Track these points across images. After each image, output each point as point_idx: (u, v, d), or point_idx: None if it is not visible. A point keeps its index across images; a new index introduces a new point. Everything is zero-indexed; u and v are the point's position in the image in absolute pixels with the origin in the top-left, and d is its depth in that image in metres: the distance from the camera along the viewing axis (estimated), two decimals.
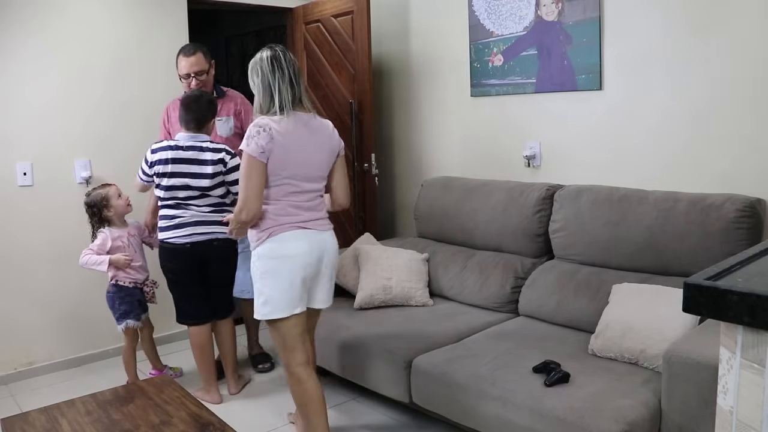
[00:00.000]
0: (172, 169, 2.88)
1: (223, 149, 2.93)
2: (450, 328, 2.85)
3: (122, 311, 3.11)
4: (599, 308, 2.60)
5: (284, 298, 2.32)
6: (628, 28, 2.95)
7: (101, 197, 3.08)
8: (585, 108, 3.16)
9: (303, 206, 2.37)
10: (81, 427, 2.04)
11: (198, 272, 3.00)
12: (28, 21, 3.38)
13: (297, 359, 2.38)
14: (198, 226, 2.93)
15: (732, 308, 1.00)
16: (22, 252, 3.45)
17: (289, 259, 2.31)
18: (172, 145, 2.91)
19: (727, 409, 1.06)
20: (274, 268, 2.31)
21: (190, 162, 2.88)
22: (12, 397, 3.29)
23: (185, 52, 3.20)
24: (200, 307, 3.05)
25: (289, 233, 2.33)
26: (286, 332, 2.37)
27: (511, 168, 3.51)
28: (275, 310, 2.33)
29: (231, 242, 3.00)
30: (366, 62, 3.84)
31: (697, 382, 1.88)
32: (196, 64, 3.17)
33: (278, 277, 2.31)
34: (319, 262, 2.40)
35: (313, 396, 2.39)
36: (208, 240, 2.95)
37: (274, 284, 2.32)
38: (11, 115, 3.38)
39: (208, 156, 2.89)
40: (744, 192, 2.60)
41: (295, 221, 2.34)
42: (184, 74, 3.20)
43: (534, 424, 2.11)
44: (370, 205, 3.96)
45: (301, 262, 2.33)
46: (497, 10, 3.46)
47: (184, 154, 2.89)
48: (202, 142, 2.92)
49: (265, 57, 2.34)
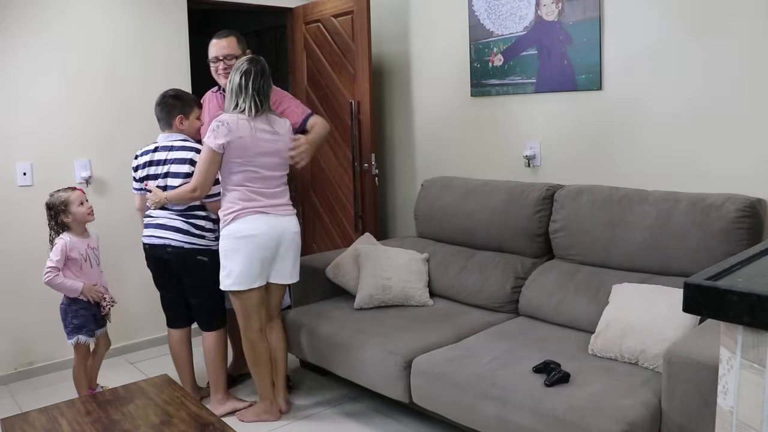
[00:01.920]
0: (149, 172, 2.87)
1: (194, 148, 2.83)
2: (450, 328, 2.85)
3: (74, 325, 2.92)
4: (599, 308, 2.60)
5: (244, 272, 2.69)
6: (628, 28, 2.95)
7: (60, 201, 2.87)
8: (585, 108, 3.16)
9: (264, 192, 2.72)
10: (81, 427, 2.04)
11: (169, 276, 2.96)
12: (28, 21, 3.39)
13: (253, 326, 2.80)
14: (158, 229, 2.87)
15: (732, 308, 1.00)
16: (22, 252, 3.45)
17: (250, 239, 2.67)
18: (150, 149, 2.90)
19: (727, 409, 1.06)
20: (237, 247, 2.67)
21: (163, 163, 2.85)
22: (12, 397, 3.29)
23: (218, 35, 3.04)
24: (172, 310, 3.02)
25: (250, 217, 2.69)
26: (245, 303, 2.76)
27: (511, 168, 3.51)
28: (236, 282, 2.71)
29: (189, 253, 2.85)
30: (366, 62, 3.84)
31: (697, 382, 1.88)
32: (227, 47, 3.00)
33: (240, 254, 2.68)
34: (278, 244, 2.75)
35: (263, 357, 2.83)
36: (162, 245, 2.86)
37: (236, 260, 2.68)
38: (11, 115, 3.38)
39: (178, 155, 2.83)
40: (744, 192, 2.60)
41: (257, 206, 2.70)
42: (213, 57, 3.03)
43: (534, 424, 2.11)
44: (370, 205, 3.96)
45: (259, 242, 2.68)
46: (497, 10, 3.46)
47: (157, 156, 2.87)
48: (173, 141, 2.87)
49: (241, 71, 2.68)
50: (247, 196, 2.69)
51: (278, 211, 2.75)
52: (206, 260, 2.89)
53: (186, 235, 2.84)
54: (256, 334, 2.82)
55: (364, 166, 3.94)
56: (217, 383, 3.00)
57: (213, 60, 3.03)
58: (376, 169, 3.95)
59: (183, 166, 2.82)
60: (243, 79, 2.67)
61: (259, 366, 2.84)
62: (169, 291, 3.01)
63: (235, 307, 2.80)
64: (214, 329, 2.99)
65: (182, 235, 2.84)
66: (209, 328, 2.98)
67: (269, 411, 2.89)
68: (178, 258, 2.86)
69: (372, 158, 3.91)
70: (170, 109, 2.90)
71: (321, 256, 3.51)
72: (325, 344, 2.93)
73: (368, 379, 2.76)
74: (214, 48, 3.02)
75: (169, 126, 2.90)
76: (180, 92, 3.00)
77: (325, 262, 3.42)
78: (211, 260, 2.88)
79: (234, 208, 2.68)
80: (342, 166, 4.11)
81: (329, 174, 4.23)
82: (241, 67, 2.69)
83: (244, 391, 3.25)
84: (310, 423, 2.90)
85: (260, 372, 2.85)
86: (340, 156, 4.12)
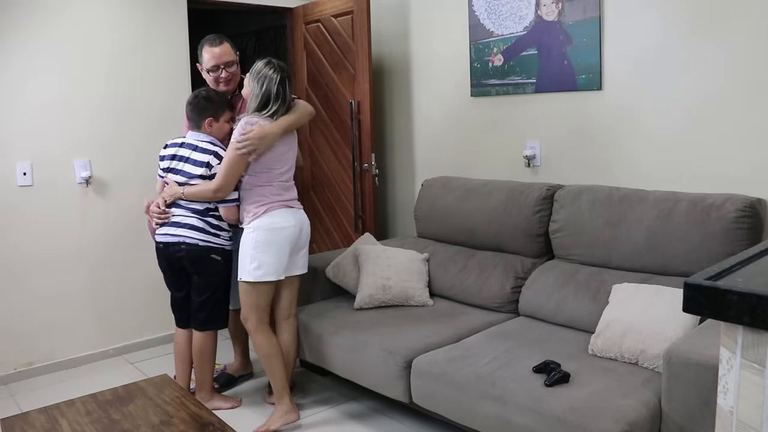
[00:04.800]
0: (172, 165, 2.88)
1: (212, 152, 2.82)
2: (450, 328, 2.85)
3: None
4: (599, 308, 2.60)
5: (275, 263, 2.75)
6: (628, 28, 2.95)
7: None
8: (585, 108, 3.16)
9: (285, 187, 2.82)
10: (81, 427, 2.04)
11: (180, 276, 2.94)
12: (29, 21, 3.38)
13: (265, 320, 2.82)
14: (172, 227, 2.85)
15: (732, 308, 1.00)
16: (22, 252, 3.45)
17: (282, 231, 2.75)
18: (178, 143, 2.90)
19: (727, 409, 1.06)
20: (271, 239, 2.73)
21: (185, 160, 2.86)
22: (12, 397, 3.29)
23: (210, 42, 2.93)
24: (182, 310, 3.01)
25: (280, 210, 2.77)
26: (264, 296, 2.79)
27: (511, 168, 3.51)
28: (267, 273, 2.74)
29: (203, 251, 2.83)
30: (366, 62, 3.84)
31: (697, 382, 1.88)
32: (225, 54, 2.93)
33: (273, 246, 2.74)
34: (300, 236, 2.84)
35: (276, 349, 2.83)
36: (176, 243, 2.83)
37: (270, 252, 2.73)
38: (11, 115, 3.38)
39: (198, 156, 2.83)
40: (744, 192, 2.60)
41: (282, 200, 2.79)
42: (211, 66, 2.92)
43: (534, 424, 2.11)
44: (370, 205, 3.96)
45: (289, 234, 2.77)
46: (497, 10, 3.46)
47: (182, 152, 2.87)
48: (199, 141, 2.87)
49: (273, 76, 2.71)
50: (276, 191, 2.78)
51: (296, 204, 2.87)
52: (219, 259, 2.88)
53: (201, 233, 2.82)
54: (269, 326, 2.84)
55: (364, 166, 3.94)
56: (203, 382, 3.01)
57: (213, 69, 2.94)
58: (376, 169, 3.95)
59: (198, 168, 2.82)
60: (280, 88, 2.71)
61: (275, 360, 2.81)
62: (179, 290, 2.98)
63: (251, 301, 2.77)
64: (208, 329, 2.97)
65: (197, 232, 2.82)
66: (204, 328, 2.96)
67: (291, 410, 2.84)
68: (192, 255, 2.84)
69: (372, 158, 3.91)
70: (201, 111, 2.86)
71: (321, 256, 3.51)
72: (325, 344, 2.93)
73: (368, 379, 2.76)
74: (212, 56, 2.92)
75: (198, 127, 2.88)
76: (212, 93, 2.91)
77: (325, 262, 3.42)
78: (224, 260, 2.89)
79: (264, 201, 2.75)
80: (342, 166, 4.11)
81: (329, 174, 4.23)
82: (275, 77, 2.70)
83: (245, 391, 3.25)
84: (310, 423, 2.90)
85: (276, 367, 2.82)
86: (340, 156, 4.12)
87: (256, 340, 2.82)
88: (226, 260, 2.91)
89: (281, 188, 2.80)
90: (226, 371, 3.37)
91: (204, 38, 2.99)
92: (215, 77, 2.96)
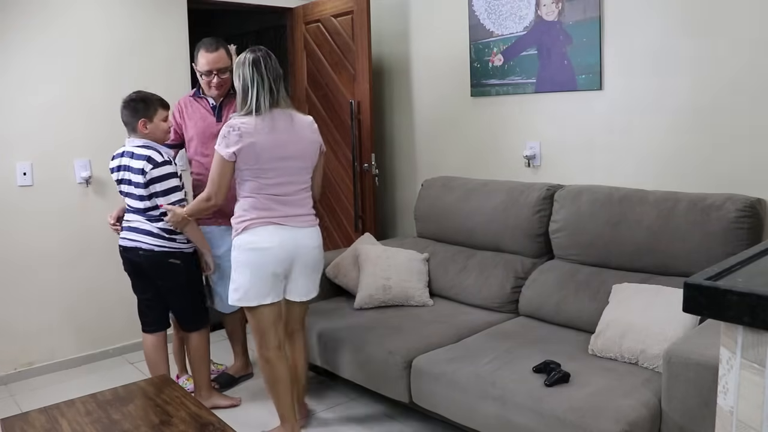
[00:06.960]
0: (120, 176, 2.83)
1: (145, 156, 2.73)
2: (450, 328, 2.85)
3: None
4: (599, 308, 2.60)
5: (253, 288, 2.48)
6: (628, 28, 2.95)
7: None
8: (585, 108, 3.16)
9: (282, 200, 2.49)
10: (81, 427, 2.04)
11: (143, 279, 2.92)
12: (29, 21, 3.38)
13: (269, 344, 2.56)
14: (131, 232, 2.84)
15: (732, 308, 1.00)
16: (22, 252, 3.45)
17: (260, 252, 2.45)
18: (119, 153, 2.85)
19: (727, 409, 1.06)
20: (247, 260, 2.47)
21: (128, 169, 2.80)
22: (12, 397, 3.29)
23: (207, 47, 2.94)
24: (147, 314, 2.98)
25: (262, 228, 2.46)
26: (259, 318, 2.54)
27: (511, 168, 3.51)
28: (244, 298, 2.50)
29: (161, 255, 2.81)
30: (366, 62, 3.84)
31: (697, 382, 1.88)
32: (219, 60, 2.95)
33: (249, 267, 2.46)
34: (293, 259, 2.51)
35: (282, 377, 2.57)
36: (133, 248, 2.82)
37: (245, 274, 2.47)
38: (11, 115, 3.38)
39: (134, 163, 2.77)
40: (744, 192, 2.60)
41: (271, 216, 2.47)
42: (205, 71, 2.96)
43: (534, 424, 2.11)
44: (370, 205, 3.96)
45: (271, 256, 2.46)
46: (497, 10, 3.46)
47: (124, 161, 2.81)
48: (135, 147, 2.79)
49: (247, 61, 2.45)
50: (262, 204, 2.46)
51: (296, 222, 2.51)
52: (178, 262, 2.85)
53: (156, 238, 2.80)
54: (274, 352, 2.56)
55: (364, 166, 3.94)
56: (201, 382, 3.02)
57: (206, 73, 2.98)
58: (376, 169, 3.95)
59: (136, 176, 2.75)
60: (253, 70, 2.42)
61: (277, 386, 2.58)
62: (144, 293, 2.96)
63: (250, 323, 2.59)
64: (197, 329, 2.97)
65: (153, 238, 2.80)
66: (193, 328, 2.96)
67: None
68: (150, 261, 2.82)
69: (372, 158, 3.91)
70: (133, 113, 2.80)
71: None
72: (325, 344, 2.93)
73: (368, 379, 2.76)
74: (207, 61, 2.95)
75: (134, 130, 2.81)
76: (144, 94, 2.84)
77: (325, 262, 3.41)
78: (183, 262, 2.86)
79: (246, 217, 2.47)
80: (342, 166, 4.11)
81: (329, 174, 4.23)
82: (247, 60, 2.44)
83: (245, 392, 3.25)
84: (310, 423, 2.89)
85: (280, 393, 2.58)
86: (340, 156, 4.12)
87: (259, 364, 2.65)
88: (186, 262, 2.87)
89: (271, 201, 2.47)
90: (226, 372, 3.37)
91: (202, 40, 3.01)
92: (207, 81, 3.01)
